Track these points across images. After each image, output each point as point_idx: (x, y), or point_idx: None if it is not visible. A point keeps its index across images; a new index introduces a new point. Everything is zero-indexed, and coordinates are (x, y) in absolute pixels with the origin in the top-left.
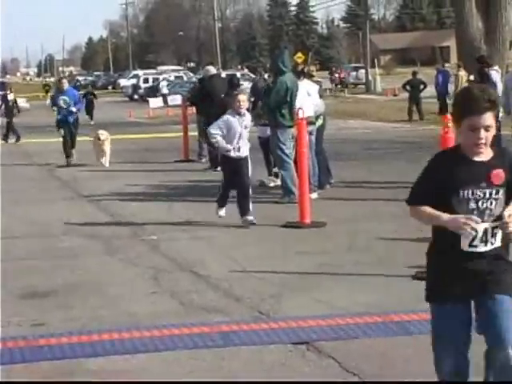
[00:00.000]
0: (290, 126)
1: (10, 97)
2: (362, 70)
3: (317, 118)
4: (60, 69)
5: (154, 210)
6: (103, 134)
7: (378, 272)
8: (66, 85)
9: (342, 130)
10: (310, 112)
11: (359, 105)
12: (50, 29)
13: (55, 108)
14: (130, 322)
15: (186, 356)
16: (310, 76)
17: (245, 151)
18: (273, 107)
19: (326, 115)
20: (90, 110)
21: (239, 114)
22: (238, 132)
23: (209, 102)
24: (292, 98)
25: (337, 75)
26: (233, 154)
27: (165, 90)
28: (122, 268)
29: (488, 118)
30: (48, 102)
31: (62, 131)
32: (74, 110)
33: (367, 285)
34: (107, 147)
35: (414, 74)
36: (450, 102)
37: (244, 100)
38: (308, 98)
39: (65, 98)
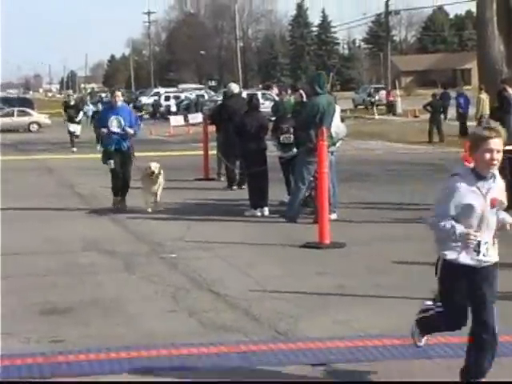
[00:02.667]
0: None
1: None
2: (383, 91)
3: (338, 140)
4: (82, 85)
5: (173, 227)
6: (156, 167)
7: (397, 294)
8: (120, 100)
9: (362, 151)
10: (333, 133)
11: (379, 126)
12: (73, 46)
13: (104, 130)
14: (148, 340)
15: (205, 375)
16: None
17: None
18: (301, 127)
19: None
20: None
21: None
22: None
23: (228, 120)
24: (323, 119)
25: (376, 97)
26: None
27: (173, 109)
28: (141, 286)
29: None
30: (65, 121)
31: (112, 163)
32: (131, 131)
33: (386, 307)
34: (160, 186)
35: (434, 95)
36: (470, 124)
37: None
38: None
39: (119, 117)
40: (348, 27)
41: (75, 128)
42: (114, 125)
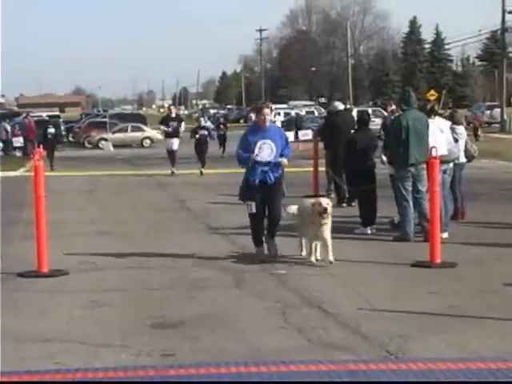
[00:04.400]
0: (408, 165)
1: None
2: (497, 109)
3: (453, 160)
4: (193, 101)
5: (283, 244)
6: (329, 204)
7: (510, 317)
8: (268, 119)
9: (475, 170)
10: (444, 150)
11: (493, 144)
12: (185, 63)
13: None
14: (258, 356)
15: None
16: (435, 113)
17: None
18: (389, 145)
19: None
20: (222, 142)
21: None
22: None
23: (335, 137)
24: (409, 136)
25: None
26: None
27: (278, 124)
28: (251, 302)
29: None
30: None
31: (253, 206)
32: (285, 161)
33: (499, 329)
34: (328, 231)
35: None
36: None
37: None
38: (441, 135)
39: (268, 142)
40: (462, 44)
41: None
42: (263, 152)
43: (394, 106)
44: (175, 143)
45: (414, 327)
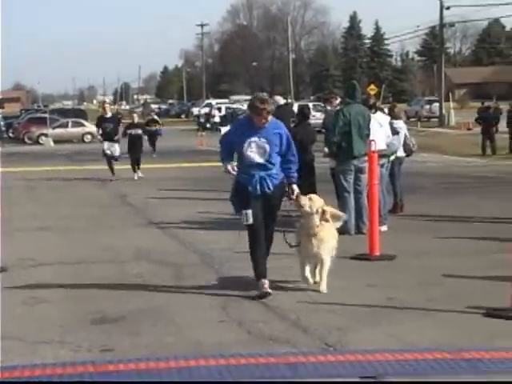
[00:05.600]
0: (351, 158)
1: None
2: (436, 104)
3: (392, 154)
4: (135, 97)
5: (224, 238)
6: (313, 200)
7: (448, 308)
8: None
9: (414, 164)
10: (383, 145)
11: (432, 138)
12: (126, 58)
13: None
14: (198, 350)
15: None
16: (376, 109)
17: None
18: (332, 138)
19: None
20: (153, 140)
21: None
22: None
23: None
24: (352, 129)
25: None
26: None
27: (216, 119)
28: (191, 296)
29: None
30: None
31: (250, 215)
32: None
33: (437, 320)
34: (327, 246)
35: (488, 108)
36: None
37: None
38: (380, 130)
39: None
40: (401, 39)
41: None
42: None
43: (339, 100)
44: (115, 149)
45: (353, 319)
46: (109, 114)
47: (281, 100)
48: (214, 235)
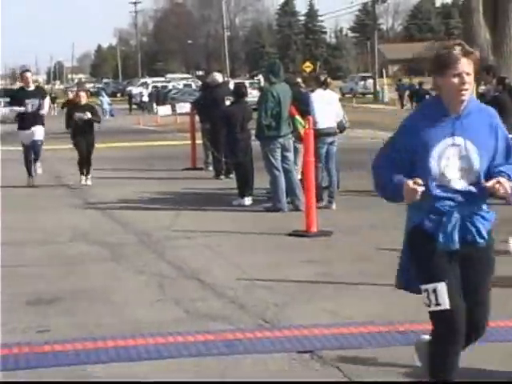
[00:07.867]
0: (278, 136)
1: None
2: (370, 80)
3: (342, 131)
4: (69, 76)
5: (161, 217)
6: None
7: (383, 282)
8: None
9: (349, 140)
10: (332, 122)
11: (367, 114)
12: (59, 36)
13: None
14: (135, 330)
15: (190, 364)
16: (327, 85)
17: None
18: (262, 121)
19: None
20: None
21: None
22: None
23: (213, 110)
24: (281, 107)
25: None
26: None
27: (145, 98)
28: (128, 275)
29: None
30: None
31: (444, 294)
32: None
33: (372, 294)
34: None
35: (420, 84)
36: None
37: None
38: (329, 108)
39: None
40: (335, 16)
41: None
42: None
43: (299, 79)
44: (38, 132)
45: (290, 295)
46: (31, 87)
47: (220, 77)
48: (150, 215)
